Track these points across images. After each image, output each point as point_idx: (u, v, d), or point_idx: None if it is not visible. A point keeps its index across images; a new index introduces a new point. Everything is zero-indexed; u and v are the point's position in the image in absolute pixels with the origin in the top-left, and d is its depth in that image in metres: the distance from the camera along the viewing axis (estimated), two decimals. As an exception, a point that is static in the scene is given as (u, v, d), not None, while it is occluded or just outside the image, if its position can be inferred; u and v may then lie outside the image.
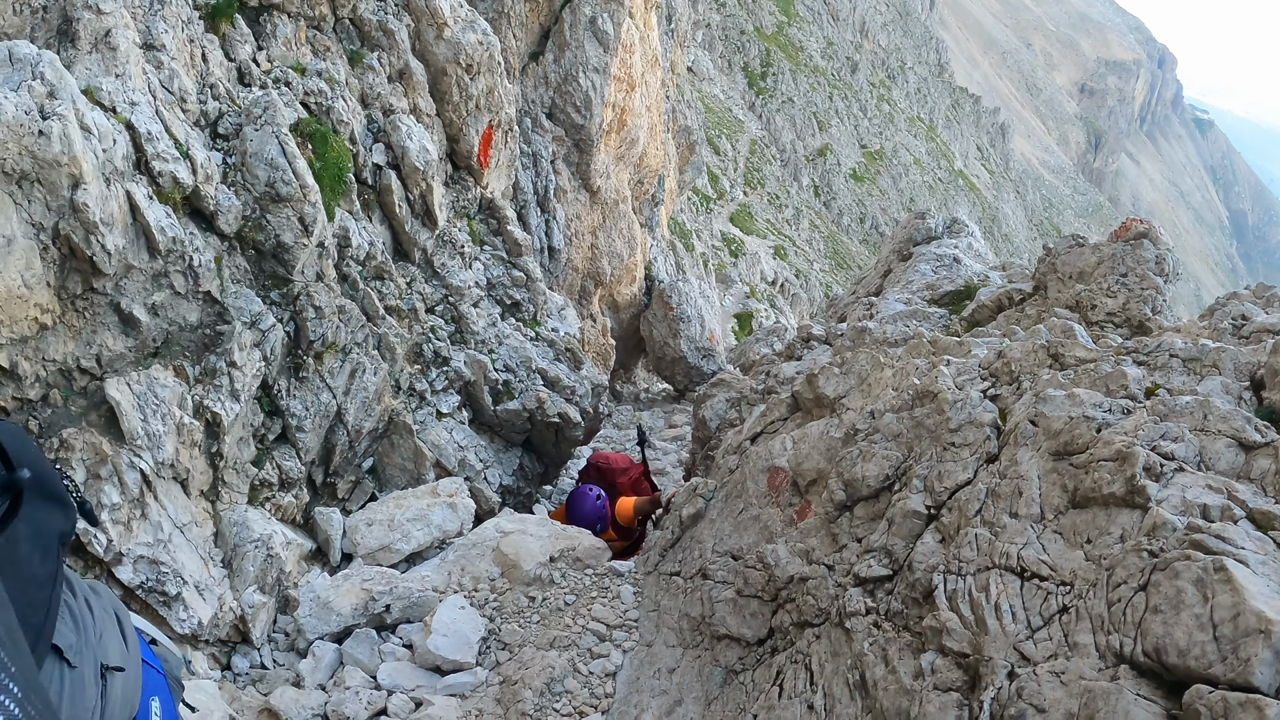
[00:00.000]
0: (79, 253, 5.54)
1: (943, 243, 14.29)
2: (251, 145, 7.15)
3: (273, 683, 6.54)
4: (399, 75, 9.76)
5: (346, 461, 8.50)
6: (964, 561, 3.92)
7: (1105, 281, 7.88)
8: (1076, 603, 3.30)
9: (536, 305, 11.64)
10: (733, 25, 79.04)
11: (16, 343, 5.42)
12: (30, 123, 5.10)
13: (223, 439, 6.81)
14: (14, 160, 5.05)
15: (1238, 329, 5.81)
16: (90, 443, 5.82)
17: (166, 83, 6.85)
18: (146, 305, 6.19)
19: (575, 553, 7.56)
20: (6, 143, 4.98)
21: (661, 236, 25.18)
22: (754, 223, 58.49)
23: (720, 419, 11.19)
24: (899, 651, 4.04)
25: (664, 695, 5.77)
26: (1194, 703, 2.63)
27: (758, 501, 6.25)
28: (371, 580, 7.25)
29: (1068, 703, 2.97)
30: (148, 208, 6.04)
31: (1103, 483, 3.62)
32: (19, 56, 5.32)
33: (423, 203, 9.45)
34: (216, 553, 6.77)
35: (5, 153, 4.99)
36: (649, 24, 18.20)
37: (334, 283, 8.01)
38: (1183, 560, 2.94)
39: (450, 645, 6.50)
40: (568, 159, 16.10)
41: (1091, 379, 4.56)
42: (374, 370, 8.43)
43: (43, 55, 5.42)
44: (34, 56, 5.37)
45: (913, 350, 6.60)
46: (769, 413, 7.39)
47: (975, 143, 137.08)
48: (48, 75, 5.36)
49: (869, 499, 5.15)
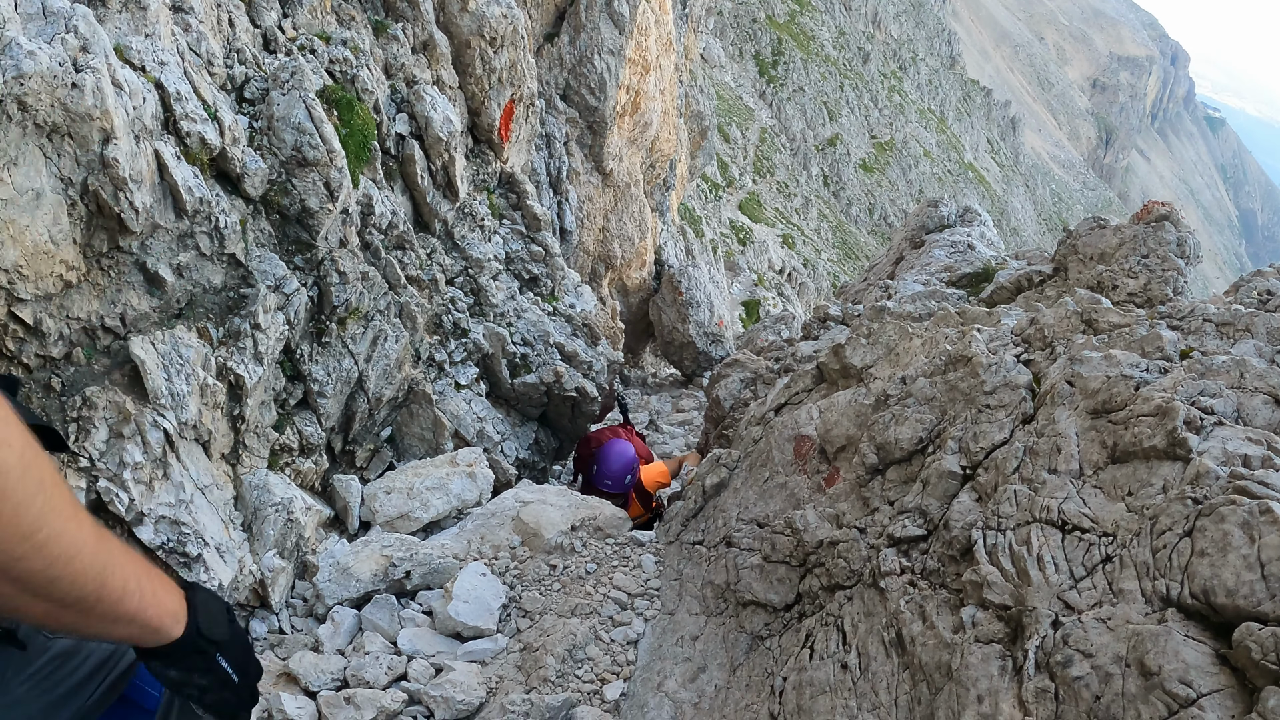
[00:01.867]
0: (106, 209, 5.53)
1: (956, 230, 14.31)
2: (278, 109, 7.15)
3: (291, 647, 6.54)
4: (423, 46, 9.75)
5: (366, 429, 8.51)
6: (1003, 517, 3.91)
7: (1127, 263, 7.88)
8: (1120, 552, 3.30)
9: (555, 280, 11.65)
10: (745, 13, 79.04)
11: (41, 299, 5.41)
12: (64, 75, 5.09)
13: (245, 402, 6.82)
14: (46, 112, 5.04)
15: (1264, 303, 5.81)
16: (114, 401, 5.82)
17: (194, 45, 6.85)
18: (172, 265, 6.19)
19: (596, 522, 7.57)
20: (40, 94, 4.97)
21: (672, 221, 25.20)
22: (763, 211, 58.55)
23: (735, 398, 11.21)
24: (936, 608, 4.04)
25: (687, 662, 5.76)
26: (1244, 639, 2.64)
27: (784, 470, 6.24)
28: (391, 547, 7.25)
29: (1115, 646, 2.98)
30: (175, 167, 6.04)
31: (1143, 437, 3.62)
32: (53, 9, 5.31)
33: (444, 174, 9.44)
34: (236, 516, 6.78)
35: (39, 104, 4.98)
36: (664, 7, 18.20)
37: (357, 249, 8.01)
38: (1228, 505, 2.96)
39: (471, 612, 6.49)
40: (581, 141, 16.10)
41: (1127, 341, 4.57)
42: (395, 338, 8.44)
43: (76, 9, 5.40)
44: (67, 10, 5.36)
45: (941, 320, 6.60)
46: (793, 384, 7.39)
47: (986, 135, 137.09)
48: (81, 29, 5.35)
49: (901, 462, 5.14)
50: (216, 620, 2.19)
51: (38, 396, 5.64)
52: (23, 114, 4.94)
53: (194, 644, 2.11)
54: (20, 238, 5.07)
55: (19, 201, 5.02)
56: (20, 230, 5.05)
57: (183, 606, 2.08)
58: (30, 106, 4.95)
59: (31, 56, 4.93)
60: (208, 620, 2.15)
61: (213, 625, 2.17)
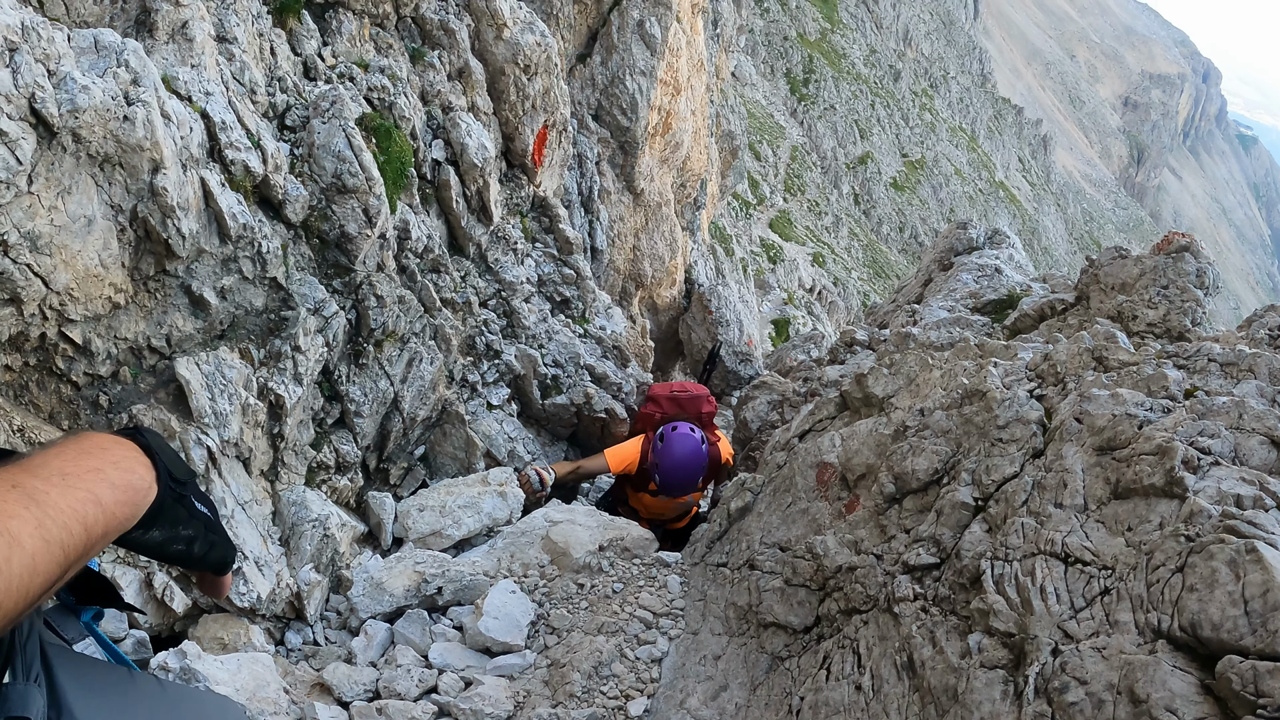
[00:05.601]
0: (154, 235, 5.73)
1: (984, 253, 14.36)
2: (319, 137, 7.34)
3: (325, 659, 6.71)
4: (458, 74, 9.93)
5: (400, 448, 8.70)
6: (1010, 548, 4.08)
7: (1147, 293, 8.00)
8: (1117, 585, 3.48)
9: (585, 302, 11.80)
10: (776, 31, 79.03)
11: (90, 320, 5.61)
12: (116, 108, 5.29)
13: (285, 420, 7.01)
14: (99, 144, 5.24)
15: (1274, 339, 5.97)
16: (159, 419, 6.03)
17: (238, 75, 7.05)
18: (215, 288, 6.39)
19: (624, 542, 7.72)
20: (94, 126, 5.17)
21: (702, 240, 25.29)
22: (793, 229, 58.53)
23: (762, 420, 11.33)
24: (946, 634, 4.21)
25: (709, 680, 5.92)
26: (1226, 671, 2.85)
27: (806, 496, 6.40)
28: (424, 563, 7.43)
29: (1108, 675, 3.17)
30: (220, 194, 6.24)
31: (1143, 475, 3.79)
32: (105, 44, 5.51)
33: (479, 199, 9.62)
34: (274, 530, 6.96)
35: (92, 136, 5.18)
36: (695, 28, 18.31)
37: (394, 273, 8.19)
38: (1217, 543, 3.15)
39: (501, 628, 6.66)
40: (612, 161, 16.20)
41: (1134, 380, 4.73)
42: (430, 360, 8.62)
43: (127, 44, 5.60)
44: (119, 45, 5.55)
45: (960, 352, 6.74)
46: (817, 411, 7.54)
47: (1017, 154, 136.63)
48: (132, 63, 5.54)
49: (918, 492, 5.30)
50: (174, 458, 2.00)
51: (86, 414, 5.85)
52: (77, 145, 5.15)
53: (171, 494, 1.93)
54: (72, 262, 5.27)
55: (71, 228, 5.22)
56: (72, 255, 5.26)
57: (147, 463, 1.89)
58: (84, 138, 5.15)
59: (86, 91, 5.12)
60: (171, 461, 1.97)
61: (175, 464, 1.99)
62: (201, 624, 6.37)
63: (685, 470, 9.18)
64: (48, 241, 5.09)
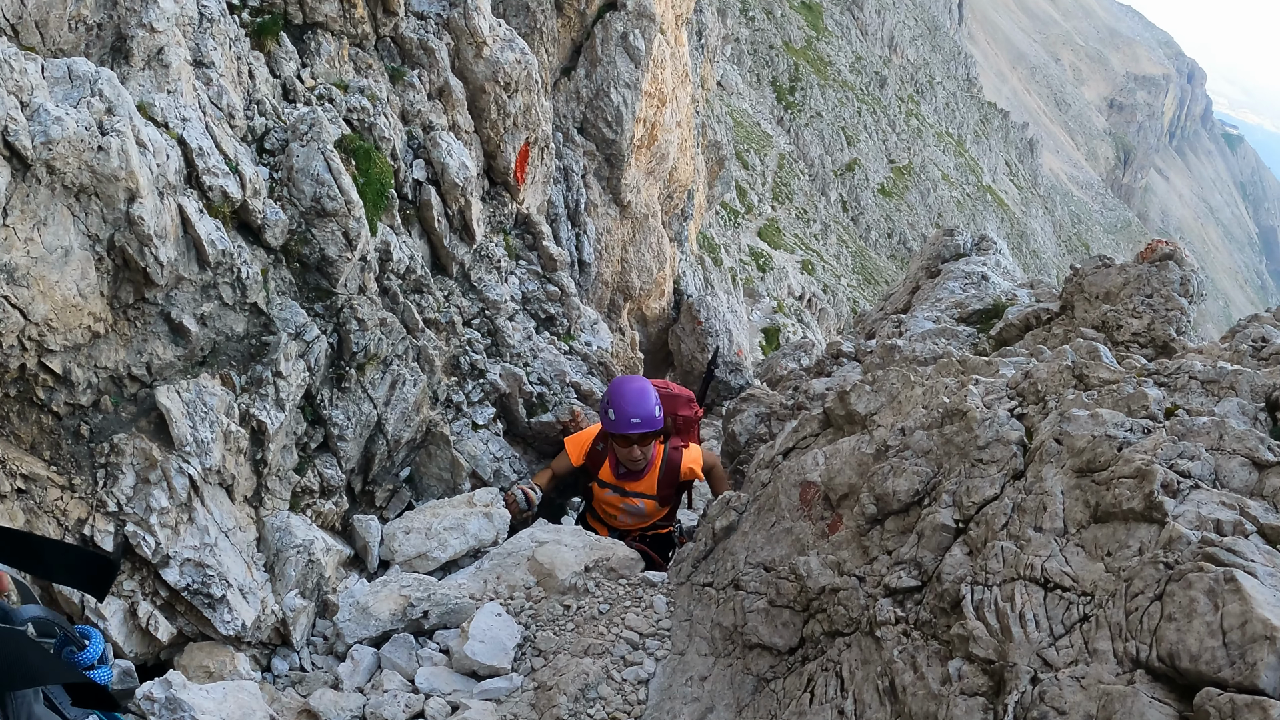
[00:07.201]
0: (132, 264, 5.72)
1: (971, 260, 14.37)
2: (298, 161, 7.32)
3: (312, 684, 6.69)
4: (438, 92, 9.91)
5: (385, 470, 8.67)
6: (990, 573, 4.07)
7: (1131, 302, 8.01)
8: (1096, 612, 3.46)
9: (570, 319, 11.78)
10: (761, 40, 79.15)
11: (70, 350, 5.59)
12: (90, 138, 5.28)
13: (267, 446, 6.98)
14: (74, 174, 5.23)
15: (1257, 350, 5.94)
16: (140, 448, 6.01)
17: (216, 99, 7.03)
18: (195, 315, 6.37)
19: (609, 563, 7.69)
20: (68, 158, 5.15)
21: (690, 251, 25.29)
22: (782, 237, 58.60)
23: (750, 433, 11.33)
24: (927, 659, 4.19)
25: (696, 702, 5.91)
26: (1204, 704, 2.82)
27: (790, 515, 6.37)
28: (410, 587, 7.41)
29: (1087, 705, 3.14)
30: (199, 221, 6.22)
31: (1123, 499, 3.77)
32: (78, 74, 5.50)
33: (461, 218, 9.59)
34: (259, 557, 6.93)
35: (66, 167, 5.17)
36: (680, 40, 18.31)
37: (375, 295, 8.17)
38: (1196, 572, 3.12)
39: (487, 651, 6.64)
40: (598, 173, 16.17)
41: (1114, 399, 4.71)
42: (414, 382, 8.59)
43: (101, 73, 5.59)
44: (93, 74, 5.54)
45: (942, 369, 6.73)
46: (800, 428, 7.52)
47: (1004, 158, 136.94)
48: (106, 92, 5.53)
49: (899, 513, 5.28)
50: None
51: (67, 444, 5.83)
52: (51, 176, 5.13)
53: None
54: (50, 293, 5.25)
55: (49, 259, 5.21)
56: (50, 286, 5.24)
57: None
58: (58, 170, 5.14)
59: (59, 122, 5.10)
60: None
61: None
62: (187, 652, 6.35)
63: (636, 400, 8.81)
64: (25, 273, 5.07)
